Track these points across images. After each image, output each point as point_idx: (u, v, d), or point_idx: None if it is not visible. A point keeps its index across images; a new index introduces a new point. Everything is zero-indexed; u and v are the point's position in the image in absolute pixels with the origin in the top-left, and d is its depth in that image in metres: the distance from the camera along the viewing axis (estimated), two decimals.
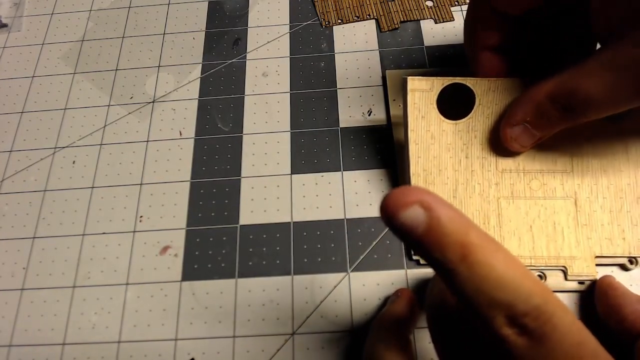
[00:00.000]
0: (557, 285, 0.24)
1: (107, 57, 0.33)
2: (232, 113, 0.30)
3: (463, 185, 0.25)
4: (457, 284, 0.14)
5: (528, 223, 0.25)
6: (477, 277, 0.13)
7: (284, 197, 0.27)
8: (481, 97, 0.25)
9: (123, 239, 0.27)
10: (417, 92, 0.25)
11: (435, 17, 0.33)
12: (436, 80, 0.25)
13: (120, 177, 0.29)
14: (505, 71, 0.25)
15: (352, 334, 0.24)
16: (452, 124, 0.25)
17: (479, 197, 0.25)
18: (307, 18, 0.34)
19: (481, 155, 0.25)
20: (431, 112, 0.25)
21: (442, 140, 0.25)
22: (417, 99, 0.25)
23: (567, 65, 0.21)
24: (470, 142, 0.25)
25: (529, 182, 0.25)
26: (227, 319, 0.25)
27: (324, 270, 0.25)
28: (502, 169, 0.25)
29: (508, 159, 0.25)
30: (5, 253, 0.27)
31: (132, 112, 0.31)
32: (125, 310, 0.25)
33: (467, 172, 0.25)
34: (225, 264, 0.26)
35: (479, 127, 0.25)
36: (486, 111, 0.25)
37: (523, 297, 0.13)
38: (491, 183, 0.25)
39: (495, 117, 0.25)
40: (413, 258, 0.25)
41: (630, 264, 0.24)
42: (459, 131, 0.25)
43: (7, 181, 0.29)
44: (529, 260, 0.24)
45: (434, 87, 0.25)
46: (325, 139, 0.29)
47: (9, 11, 0.36)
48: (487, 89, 0.25)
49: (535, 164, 0.25)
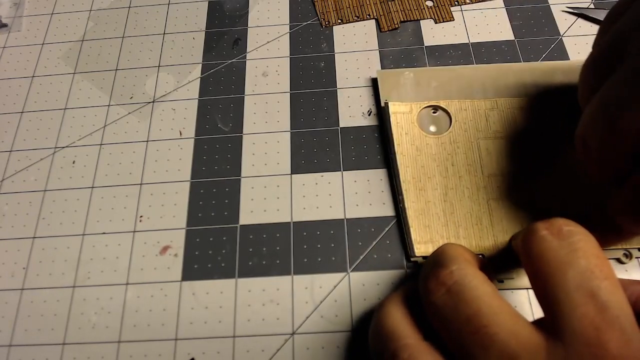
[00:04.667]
0: None
1: (107, 57, 0.33)
2: (232, 113, 0.30)
3: (453, 190, 0.26)
4: None
5: (519, 222, 0.25)
6: None
7: (284, 197, 0.27)
8: (455, 114, 0.28)
9: (123, 239, 0.27)
10: (398, 114, 0.28)
11: (435, 17, 0.33)
12: (414, 104, 0.29)
13: (120, 177, 0.29)
14: None
15: (352, 334, 0.24)
16: (434, 137, 0.27)
17: (469, 200, 0.26)
18: (307, 18, 0.34)
19: (466, 163, 0.27)
20: (413, 129, 0.28)
21: (427, 152, 0.27)
22: (399, 119, 0.28)
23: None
24: (454, 152, 0.27)
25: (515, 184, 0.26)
26: (227, 319, 0.25)
27: (324, 270, 0.25)
28: (489, 174, 0.26)
29: (492, 165, 0.27)
30: (5, 253, 0.27)
31: (132, 112, 0.31)
32: (125, 310, 0.25)
33: (455, 177, 0.26)
34: (225, 264, 0.26)
35: (460, 139, 0.27)
36: (463, 126, 0.28)
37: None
38: (479, 186, 0.26)
39: (472, 131, 0.28)
40: (411, 260, 0.25)
41: (625, 257, 0.24)
42: (442, 143, 0.27)
43: (7, 181, 0.29)
44: None
45: (412, 109, 0.28)
46: (325, 139, 0.29)
47: (9, 11, 0.36)
48: (459, 109, 0.28)
49: (518, 166, 0.26)
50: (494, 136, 0.27)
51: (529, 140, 0.27)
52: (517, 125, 0.28)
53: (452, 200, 0.26)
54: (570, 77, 0.29)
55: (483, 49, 0.31)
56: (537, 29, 0.32)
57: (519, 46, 0.31)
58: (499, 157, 0.27)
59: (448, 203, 0.26)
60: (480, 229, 0.25)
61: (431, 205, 0.26)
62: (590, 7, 0.33)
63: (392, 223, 0.26)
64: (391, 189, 0.27)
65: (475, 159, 0.27)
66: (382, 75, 0.30)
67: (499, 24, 0.32)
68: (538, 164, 0.26)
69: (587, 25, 0.32)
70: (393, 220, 0.26)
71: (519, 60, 0.31)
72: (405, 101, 0.29)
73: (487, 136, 0.27)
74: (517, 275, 0.24)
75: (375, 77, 0.31)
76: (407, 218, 0.26)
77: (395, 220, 0.26)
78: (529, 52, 0.31)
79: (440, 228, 0.25)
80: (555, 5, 0.33)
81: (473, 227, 0.25)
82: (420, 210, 0.26)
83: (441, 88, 0.29)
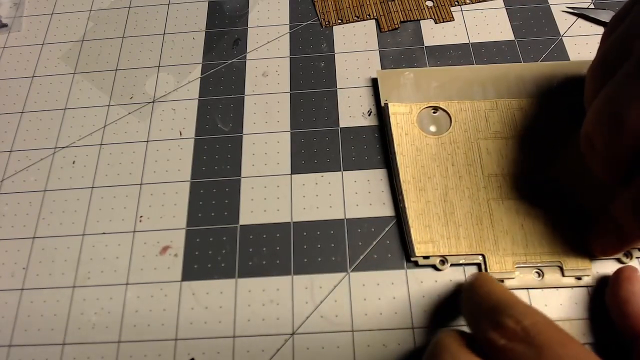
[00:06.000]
0: (555, 282, 0.24)
1: (107, 57, 0.33)
2: (232, 113, 0.30)
3: (453, 190, 0.26)
4: None
5: (519, 222, 0.25)
6: None
7: (284, 197, 0.27)
8: (455, 115, 0.28)
9: (123, 239, 0.27)
10: (398, 114, 0.28)
11: (435, 17, 0.33)
12: (413, 105, 0.29)
13: (120, 177, 0.29)
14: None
15: (352, 334, 0.24)
16: (434, 138, 0.28)
17: (469, 200, 0.26)
18: (307, 18, 0.34)
19: (466, 163, 0.27)
20: (413, 130, 0.28)
21: (427, 152, 0.27)
22: (399, 120, 0.28)
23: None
24: (454, 152, 0.27)
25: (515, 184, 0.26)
26: (227, 319, 0.25)
27: (324, 270, 0.25)
28: (489, 174, 0.26)
29: (492, 165, 0.27)
30: (5, 253, 0.27)
31: (132, 112, 0.31)
32: (125, 310, 0.25)
33: (455, 177, 0.26)
34: (225, 264, 0.26)
35: (459, 139, 0.27)
36: (463, 126, 0.28)
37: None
38: (479, 187, 0.26)
39: (472, 131, 0.28)
40: (411, 260, 0.25)
41: (625, 257, 0.24)
42: (442, 144, 0.27)
43: (7, 181, 0.29)
44: (524, 257, 0.24)
45: (412, 110, 0.28)
46: (325, 139, 0.29)
47: (9, 11, 0.36)
48: (459, 109, 0.28)
49: (518, 167, 0.26)
50: (494, 136, 0.27)
51: (529, 141, 0.27)
52: (517, 125, 0.28)
53: (452, 200, 0.26)
54: (570, 78, 0.29)
55: (483, 49, 0.31)
56: (537, 29, 0.32)
57: (519, 46, 0.31)
58: (499, 157, 0.27)
59: (448, 203, 0.26)
60: (480, 229, 0.25)
61: (431, 205, 0.26)
62: (590, 7, 0.33)
63: (392, 223, 0.26)
64: (391, 189, 0.27)
65: (475, 159, 0.27)
66: (382, 75, 0.30)
67: (499, 24, 0.32)
68: (538, 164, 0.26)
69: (587, 26, 0.32)
70: (393, 220, 0.26)
71: (519, 60, 0.31)
72: (405, 101, 0.29)
73: (487, 136, 0.27)
74: (517, 275, 0.24)
75: (375, 77, 0.31)
76: (407, 218, 0.26)
77: (395, 220, 0.26)
78: (529, 52, 0.31)
79: (441, 228, 0.25)
80: (555, 5, 0.33)
81: (473, 227, 0.25)
82: (420, 210, 0.26)
83: (441, 88, 0.29)
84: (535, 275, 0.24)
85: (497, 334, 0.17)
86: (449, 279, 0.25)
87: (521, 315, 0.17)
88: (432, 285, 0.25)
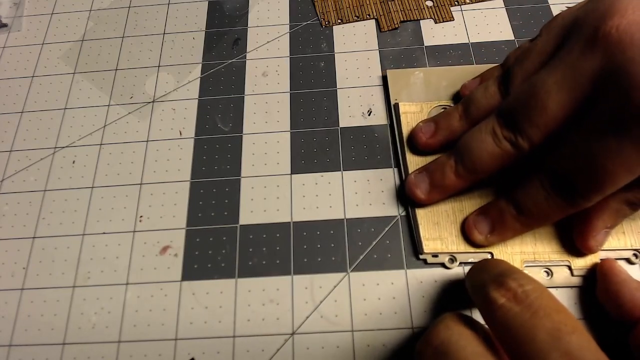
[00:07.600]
0: (563, 282, 0.24)
1: (107, 57, 0.33)
2: (232, 113, 0.30)
3: None
4: None
5: None
6: None
7: (284, 197, 0.27)
8: None
9: (123, 239, 0.27)
10: (408, 113, 0.29)
11: (435, 17, 0.33)
12: (424, 104, 0.29)
13: (120, 177, 0.29)
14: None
15: (352, 334, 0.24)
16: None
17: (478, 198, 0.26)
18: (307, 18, 0.34)
19: None
20: None
21: (436, 150, 0.27)
22: (410, 119, 0.29)
23: None
24: None
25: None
26: (227, 319, 0.25)
27: (324, 270, 0.25)
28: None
29: None
30: (5, 253, 0.27)
31: (132, 112, 0.31)
32: (125, 310, 0.25)
33: None
34: (225, 264, 0.26)
35: None
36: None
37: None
38: (488, 184, 0.26)
39: None
40: (420, 257, 0.25)
41: (635, 257, 0.24)
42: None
43: (7, 181, 0.29)
44: (532, 256, 0.24)
45: (422, 109, 0.29)
46: (325, 139, 0.29)
47: (9, 11, 0.36)
48: None
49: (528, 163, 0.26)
50: None
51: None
52: None
53: (461, 198, 0.26)
54: None
55: (483, 49, 0.31)
56: (537, 28, 0.32)
57: None
58: None
59: (457, 201, 0.26)
60: None
61: (440, 202, 0.26)
62: None
63: (392, 223, 0.26)
64: (393, 189, 0.27)
65: None
66: (393, 75, 0.30)
67: (499, 24, 0.32)
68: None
69: None
70: (393, 220, 0.26)
71: None
72: (415, 101, 0.29)
73: None
74: None
75: (377, 77, 0.31)
76: (416, 215, 0.26)
77: (397, 220, 0.26)
78: None
79: (449, 225, 0.25)
80: (555, 5, 0.33)
81: None
82: (429, 208, 0.26)
83: (451, 88, 0.29)
84: (544, 274, 0.24)
85: (498, 293, 0.18)
86: (449, 279, 0.25)
87: (525, 280, 0.18)
88: (431, 285, 0.25)
